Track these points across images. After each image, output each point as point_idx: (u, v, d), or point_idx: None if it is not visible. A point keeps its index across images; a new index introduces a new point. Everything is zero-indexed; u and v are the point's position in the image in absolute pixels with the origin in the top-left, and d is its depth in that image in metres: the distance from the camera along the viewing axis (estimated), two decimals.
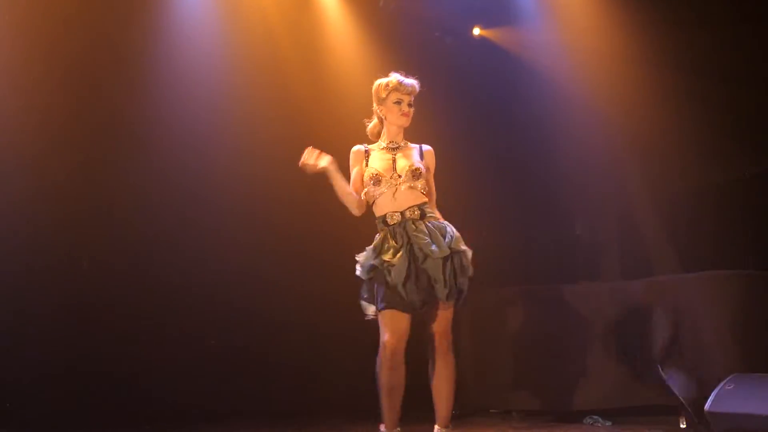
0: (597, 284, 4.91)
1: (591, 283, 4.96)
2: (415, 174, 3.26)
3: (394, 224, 3.21)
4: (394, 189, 3.24)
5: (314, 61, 5.22)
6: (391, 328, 3.14)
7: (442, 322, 3.20)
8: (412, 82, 3.35)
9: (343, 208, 3.37)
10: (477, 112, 5.45)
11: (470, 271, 3.26)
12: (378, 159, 3.32)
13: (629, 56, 4.93)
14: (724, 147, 4.62)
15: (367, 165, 3.30)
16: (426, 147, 3.43)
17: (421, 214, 3.24)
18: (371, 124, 3.43)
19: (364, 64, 5.22)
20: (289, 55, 5.11)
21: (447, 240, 3.20)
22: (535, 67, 5.29)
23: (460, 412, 3.10)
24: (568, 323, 4.81)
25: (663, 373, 4.20)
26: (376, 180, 3.24)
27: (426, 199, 3.29)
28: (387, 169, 3.27)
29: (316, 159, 3.25)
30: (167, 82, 4.64)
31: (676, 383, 4.16)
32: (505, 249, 5.33)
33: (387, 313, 3.15)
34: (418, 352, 3.28)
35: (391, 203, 3.24)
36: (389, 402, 3.16)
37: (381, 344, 3.15)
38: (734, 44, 4.60)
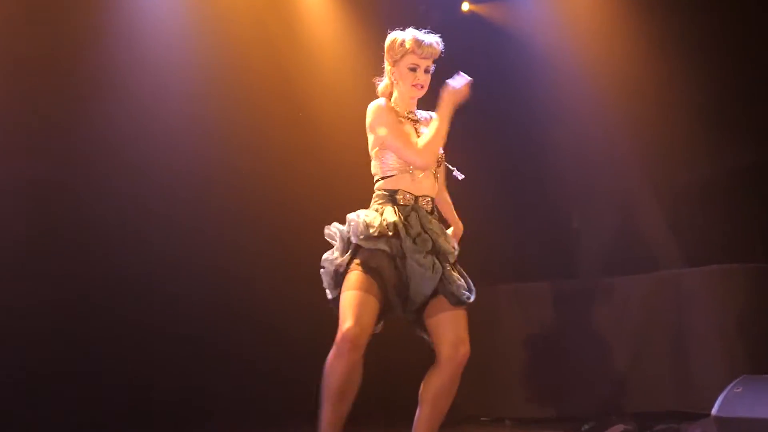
0: (596, 280, 4.93)
1: (590, 279, 4.98)
2: (439, 161, 3.02)
3: (406, 205, 2.91)
4: (418, 172, 2.93)
5: (289, 37, 5.17)
6: (359, 313, 2.70)
7: (462, 327, 2.83)
8: (433, 41, 2.98)
9: (330, 199, 3.18)
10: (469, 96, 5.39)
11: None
12: (408, 128, 2.99)
13: (631, 34, 4.92)
14: (733, 134, 4.63)
15: None
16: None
17: (432, 208, 3.00)
18: (382, 84, 3.08)
19: (342, 42, 5.17)
20: (263, 31, 5.06)
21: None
22: (529, 45, 5.26)
23: (448, 420, 2.90)
24: (565, 323, 4.85)
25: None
26: None
27: (437, 192, 3.05)
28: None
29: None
30: (139, 78, 4.64)
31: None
32: (497, 243, 5.34)
33: (359, 294, 2.73)
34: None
35: (408, 182, 2.93)
36: (337, 409, 2.74)
37: (340, 333, 2.71)
38: (746, 24, 4.60)
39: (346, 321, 2.72)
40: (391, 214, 2.86)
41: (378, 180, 2.98)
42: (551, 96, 5.10)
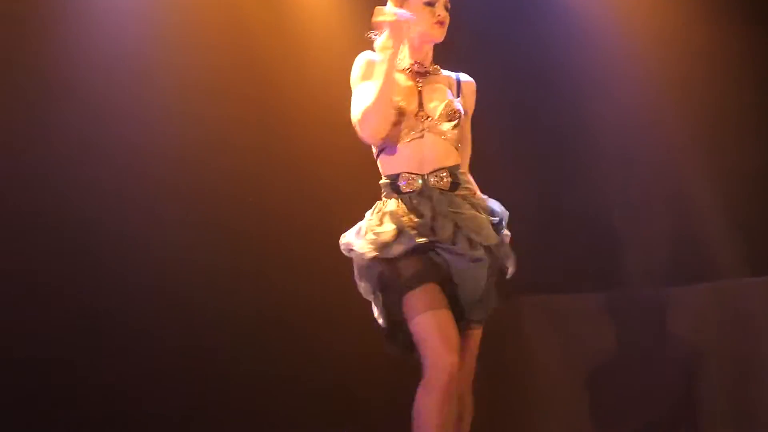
0: (640, 292, 4.63)
1: (633, 291, 4.67)
2: (451, 116, 2.51)
3: (412, 192, 2.46)
4: (419, 136, 2.48)
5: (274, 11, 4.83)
6: (447, 337, 2.33)
7: (473, 347, 2.57)
8: None
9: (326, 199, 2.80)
10: (486, 65, 4.89)
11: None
12: (399, 85, 2.53)
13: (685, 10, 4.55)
14: None
15: None
16: (465, 77, 2.69)
17: (452, 183, 2.49)
18: (382, 37, 2.60)
19: (337, 15, 4.83)
20: (244, 14, 4.74)
21: (498, 225, 2.55)
22: (560, 7, 4.79)
23: None
24: (602, 343, 4.59)
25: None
26: (398, 116, 2.47)
27: (459, 160, 2.55)
28: (409, 103, 2.51)
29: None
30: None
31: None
32: (521, 247, 4.87)
33: (435, 313, 2.34)
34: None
35: (409, 158, 2.48)
36: None
37: (433, 366, 2.31)
38: None
39: (439, 351, 2.31)
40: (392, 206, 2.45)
41: (377, 156, 2.57)
42: (591, 76, 4.67)
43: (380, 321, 2.52)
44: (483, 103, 2.87)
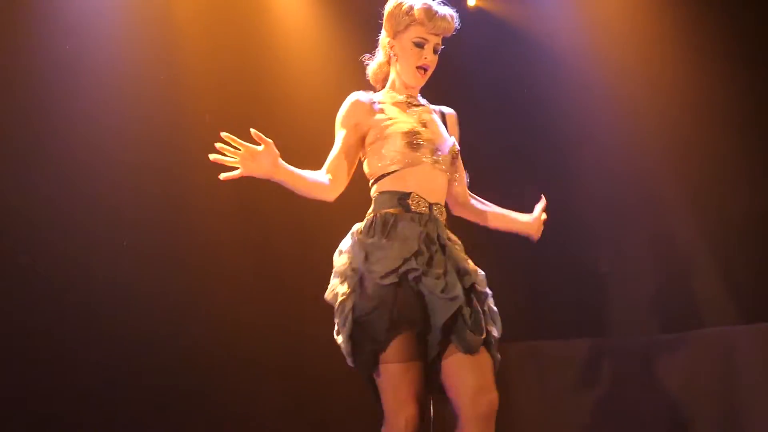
0: (628, 339, 4.61)
1: (620, 338, 4.65)
2: (454, 157, 2.62)
3: (421, 213, 2.51)
4: (431, 167, 2.54)
5: (263, 35, 4.80)
6: (414, 391, 2.36)
7: (486, 374, 2.45)
8: (447, 13, 2.59)
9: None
10: (470, 102, 4.96)
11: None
12: (400, 116, 2.59)
13: (667, 37, 4.57)
14: None
15: (391, 118, 2.54)
16: (448, 110, 2.77)
17: (446, 219, 2.62)
18: (374, 63, 2.70)
19: (328, 44, 4.84)
20: (228, 32, 4.69)
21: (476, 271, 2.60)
22: (544, 47, 4.85)
23: None
24: (591, 390, 4.55)
25: None
26: (415, 143, 2.51)
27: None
28: (418, 131, 2.58)
29: (251, 160, 2.32)
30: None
31: None
32: (508, 293, 4.85)
33: (406, 366, 2.36)
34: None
35: (418, 182, 2.52)
36: None
37: (394, 417, 2.37)
38: None
39: (403, 404, 2.36)
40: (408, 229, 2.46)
41: (375, 181, 2.59)
42: (574, 115, 4.72)
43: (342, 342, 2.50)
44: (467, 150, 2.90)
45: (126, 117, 4.38)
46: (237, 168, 2.29)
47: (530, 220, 2.91)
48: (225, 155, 2.29)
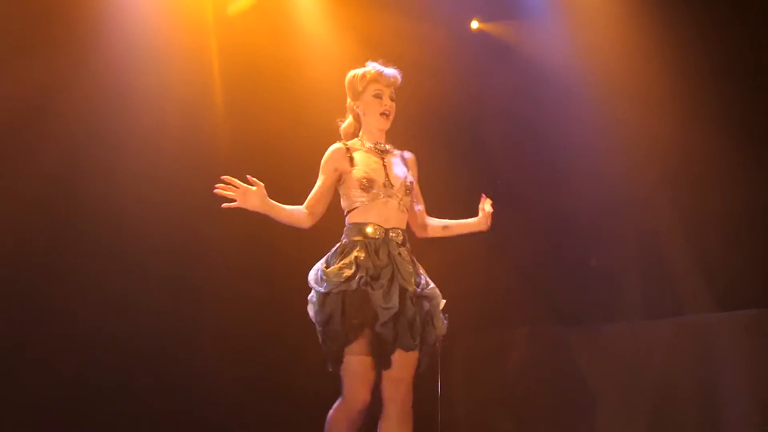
0: (616, 325, 4.85)
1: (608, 324, 4.89)
2: (408, 190, 3.21)
3: (376, 238, 3.10)
4: (385, 200, 3.14)
5: (282, 57, 5.06)
6: (367, 380, 2.99)
7: (408, 368, 3.02)
8: (393, 71, 3.25)
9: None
10: (473, 118, 5.31)
11: (444, 328, 3.14)
12: (366, 161, 3.19)
13: (654, 56, 4.83)
14: None
15: (353, 165, 3.16)
16: (408, 154, 3.35)
17: (403, 239, 3.15)
18: (345, 123, 3.32)
19: (339, 62, 4.86)
20: (251, 50, 4.95)
21: (423, 281, 3.15)
22: (542, 67, 5.16)
23: None
24: (580, 372, 4.76)
25: None
26: (368, 185, 3.13)
27: (405, 224, 3.24)
28: (378, 175, 3.17)
29: (244, 196, 3.02)
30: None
31: None
32: (506, 283, 5.22)
33: (360, 359, 2.98)
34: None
35: (377, 214, 3.13)
36: None
37: (350, 398, 2.99)
38: None
39: (355, 390, 2.98)
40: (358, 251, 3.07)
41: (346, 214, 3.18)
42: (565, 123, 5.02)
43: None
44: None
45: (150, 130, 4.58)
46: (234, 201, 2.97)
47: (478, 220, 3.39)
48: (227, 191, 2.97)
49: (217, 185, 2.97)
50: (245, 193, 2.98)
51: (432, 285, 3.13)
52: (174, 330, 4.60)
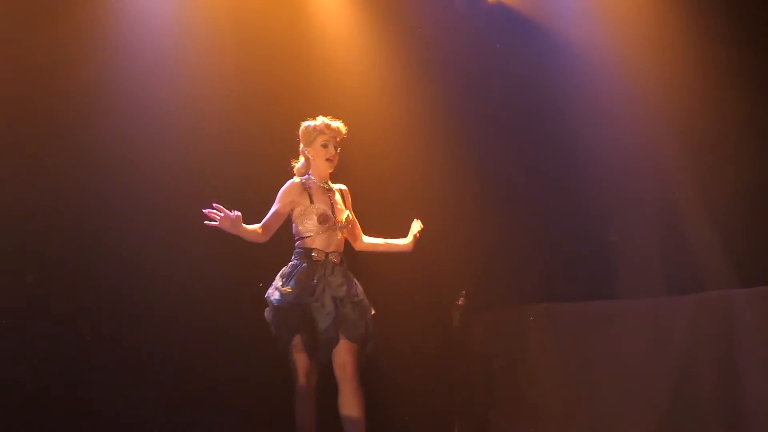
0: (636, 301, 4.85)
1: (629, 301, 4.90)
2: (348, 223, 4.04)
3: (318, 261, 3.93)
4: (332, 231, 3.97)
5: (294, 34, 5.08)
6: (306, 370, 3.87)
7: (349, 353, 3.88)
8: (338, 124, 4.01)
9: None
10: (490, 93, 5.31)
11: (370, 326, 3.96)
12: (321, 197, 4.00)
13: (678, 27, 4.83)
14: None
15: (312, 202, 3.96)
16: (343, 187, 4.14)
17: (340, 260, 3.99)
18: (298, 164, 4.07)
19: (356, 37, 5.10)
20: (262, 26, 4.98)
21: (353, 290, 3.96)
22: (562, 39, 5.17)
23: None
24: (600, 349, 4.75)
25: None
26: (324, 219, 3.95)
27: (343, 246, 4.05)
28: (327, 209, 4.00)
29: (229, 222, 3.75)
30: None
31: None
32: (526, 259, 5.25)
33: (302, 356, 3.87)
34: None
35: (321, 241, 3.95)
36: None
37: (297, 387, 3.88)
38: None
39: (300, 378, 3.90)
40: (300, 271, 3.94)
41: (296, 240, 4.01)
42: (585, 95, 5.02)
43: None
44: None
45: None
46: (216, 222, 3.72)
47: (405, 243, 4.18)
48: (212, 216, 3.72)
49: (206, 210, 3.67)
50: (227, 219, 3.73)
51: (360, 293, 3.94)
52: (175, 327, 4.67)
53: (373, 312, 3.99)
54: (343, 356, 3.86)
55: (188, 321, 4.73)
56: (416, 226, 4.18)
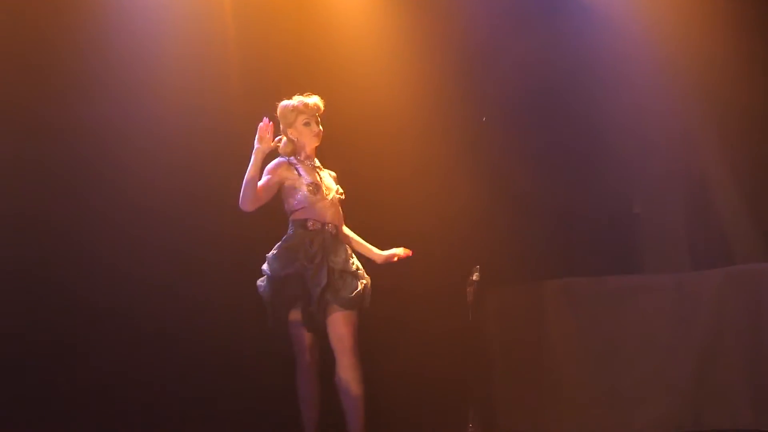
0: (661, 276, 4.78)
1: (653, 275, 4.85)
2: (340, 197, 4.04)
3: (314, 230, 3.91)
4: (323, 202, 3.96)
5: (299, 27, 5.09)
6: (307, 344, 3.87)
7: (347, 324, 3.83)
8: (315, 100, 4.01)
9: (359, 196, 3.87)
10: (509, 62, 5.24)
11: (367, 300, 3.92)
12: (309, 172, 4.00)
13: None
14: None
15: (300, 175, 3.95)
16: (332, 173, 4.13)
17: (337, 232, 3.98)
18: (282, 144, 4.02)
19: (377, 26, 5.11)
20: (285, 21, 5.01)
21: (350, 263, 3.94)
22: (584, 6, 5.06)
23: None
24: (622, 325, 4.72)
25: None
26: (315, 189, 3.94)
27: (342, 220, 4.04)
28: (317, 183, 3.99)
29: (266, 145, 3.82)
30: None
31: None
32: (545, 232, 5.17)
33: (300, 329, 3.86)
34: None
35: (318, 213, 3.93)
36: (306, 413, 3.90)
37: (298, 364, 3.89)
38: None
39: (301, 354, 3.91)
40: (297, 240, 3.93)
41: (290, 214, 3.99)
42: (608, 63, 4.94)
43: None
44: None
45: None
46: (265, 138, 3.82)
47: (378, 253, 4.13)
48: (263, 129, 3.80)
49: (265, 121, 3.76)
50: (269, 139, 3.83)
51: (358, 265, 3.93)
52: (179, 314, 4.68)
53: (367, 281, 3.92)
54: (340, 328, 3.81)
55: (188, 321, 4.70)
56: (400, 251, 4.12)
